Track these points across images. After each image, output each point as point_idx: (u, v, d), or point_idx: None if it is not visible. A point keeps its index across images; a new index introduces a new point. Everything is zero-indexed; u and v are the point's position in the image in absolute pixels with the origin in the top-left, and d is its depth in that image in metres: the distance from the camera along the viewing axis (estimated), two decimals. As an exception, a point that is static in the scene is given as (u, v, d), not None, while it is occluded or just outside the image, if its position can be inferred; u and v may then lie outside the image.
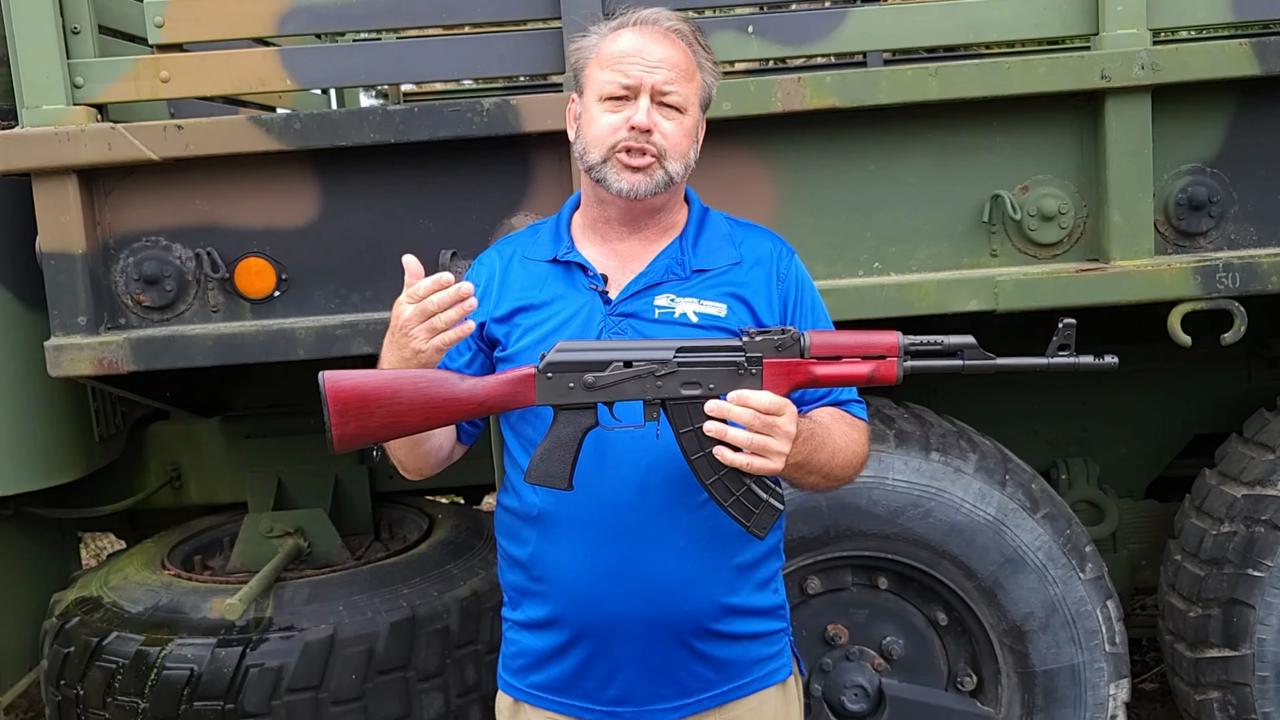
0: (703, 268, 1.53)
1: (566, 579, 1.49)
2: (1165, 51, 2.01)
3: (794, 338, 1.37)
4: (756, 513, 1.38)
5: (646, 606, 1.47)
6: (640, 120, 1.43)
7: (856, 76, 2.03)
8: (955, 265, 2.11)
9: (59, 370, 2.01)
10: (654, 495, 1.46)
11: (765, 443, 1.31)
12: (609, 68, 1.46)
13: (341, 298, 2.10)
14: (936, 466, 2.17)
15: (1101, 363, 1.38)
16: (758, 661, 1.55)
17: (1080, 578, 2.20)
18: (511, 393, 1.38)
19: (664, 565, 1.46)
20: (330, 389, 1.32)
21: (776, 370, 1.36)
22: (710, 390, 1.35)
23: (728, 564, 1.50)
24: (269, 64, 2.04)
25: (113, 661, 2.22)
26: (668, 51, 1.46)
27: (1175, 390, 2.72)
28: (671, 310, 1.49)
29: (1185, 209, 2.10)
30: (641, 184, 1.45)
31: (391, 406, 1.34)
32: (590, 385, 1.35)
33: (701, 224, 1.57)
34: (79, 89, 2.01)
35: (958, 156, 2.09)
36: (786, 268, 1.57)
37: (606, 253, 1.54)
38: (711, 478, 1.36)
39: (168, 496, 2.79)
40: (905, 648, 2.27)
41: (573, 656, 1.52)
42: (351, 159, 2.05)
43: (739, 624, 1.52)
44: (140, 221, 2.07)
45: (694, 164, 1.52)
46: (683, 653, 1.50)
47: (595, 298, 1.50)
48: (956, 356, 1.38)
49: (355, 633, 2.23)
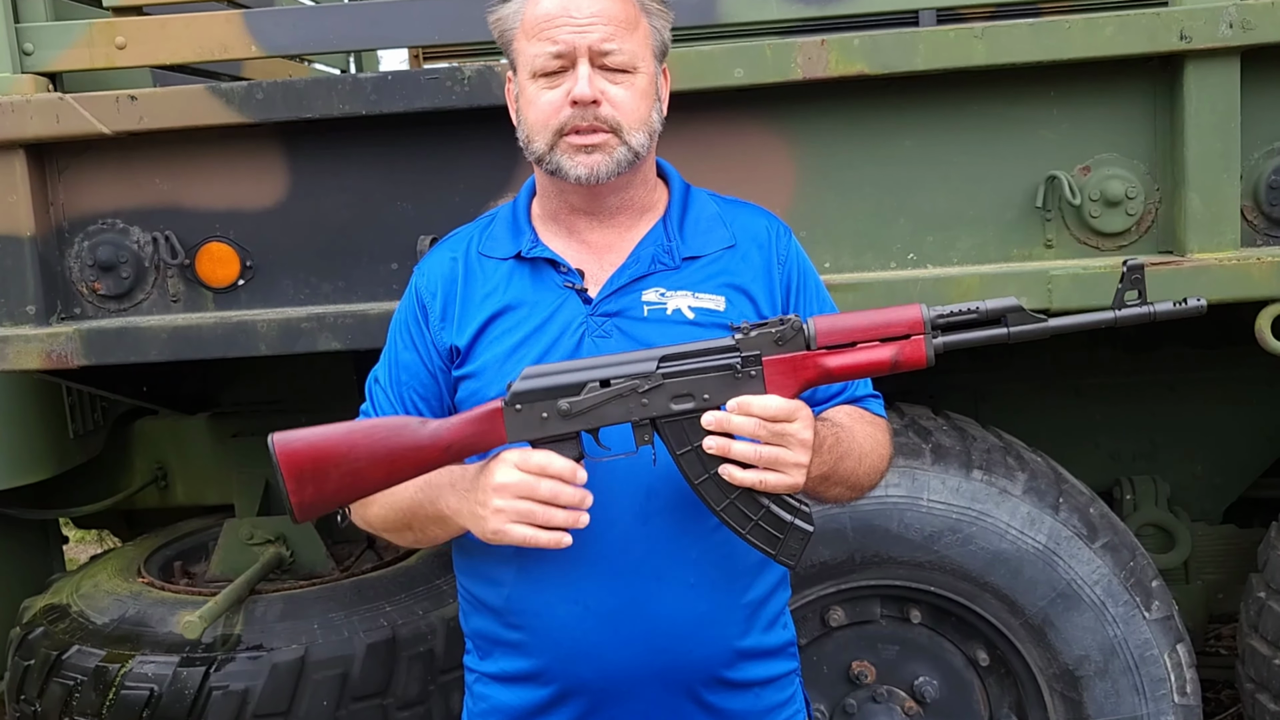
0: (694, 254, 1.34)
1: (554, 627, 1.29)
2: (1259, 7, 1.76)
3: (795, 327, 1.18)
4: (782, 539, 1.20)
5: (652, 656, 1.29)
6: (583, 92, 1.22)
7: (889, 39, 1.80)
8: (1003, 257, 1.90)
9: (5, 364, 1.88)
10: (655, 525, 1.28)
11: (778, 455, 1.14)
12: (535, 37, 1.25)
13: (312, 287, 1.93)
14: (979, 486, 1.97)
15: (1185, 307, 1.20)
16: (771, 710, 1.38)
17: (1145, 617, 1.98)
18: (478, 432, 1.20)
19: (671, 606, 1.29)
20: (281, 452, 1.18)
21: (780, 368, 1.18)
22: (706, 402, 1.17)
23: (740, 600, 1.34)
24: (232, 29, 1.87)
25: (71, 678, 2.09)
26: (599, 3, 1.24)
27: (1259, 402, 2.49)
28: (664, 306, 1.30)
29: (1279, 194, 1.86)
30: (602, 165, 1.25)
31: (348, 465, 1.18)
32: (566, 413, 1.17)
33: (685, 204, 1.36)
34: (28, 56, 1.87)
35: (1008, 132, 1.88)
36: (786, 249, 1.38)
37: (577, 245, 1.34)
38: (723, 503, 1.19)
39: (153, 496, 2.68)
40: (940, 690, 2.09)
41: (561, 717, 1.32)
42: (321, 134, 1.88)
43: (751, 669, 1.35)
44: (95, 203, 1.93)
45: (660, 128, 1.31)
46: (691, 707, 1.32)
47: (572, 297, 1.30)
48: (1000, 324, 1.19)
49: (328, 655, 2.08)
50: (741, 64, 1.78)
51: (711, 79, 1.79)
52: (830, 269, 1.89)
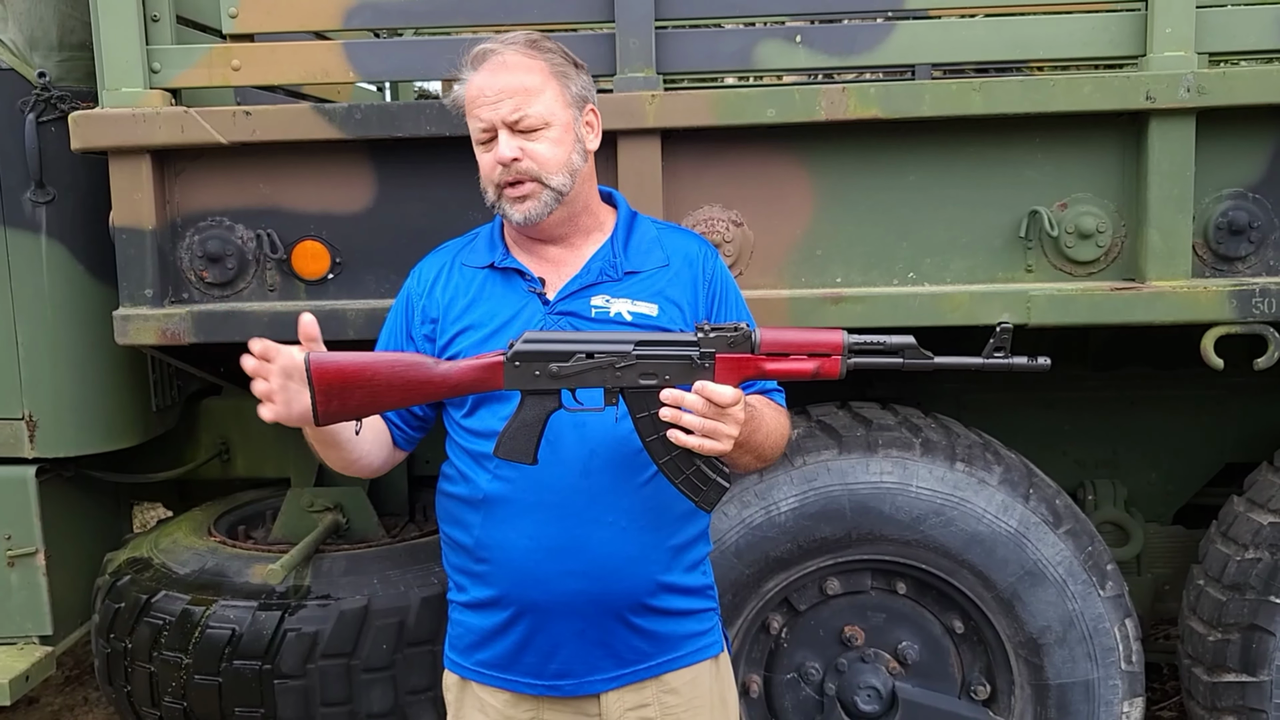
0: (634, 269, 1.63)
1: (511, 559, 1.58)
2: (1212, 75, 2.01)
3: (745, 335, 1.46)
4: (704, 489, 1.49)
5: (587, 583, 1.56)
6: (502, 154, 1.53)
7: (900, 88, 2.06)
8: (990, 279, 2.13)
9: (125, 339, 2.12)
10: (596, 478, 1.55)
11: (716, 427, 1.40)
12: (470, 115, 1.57)
13: (391, 283, 2.18)
14: (961, 476, 2.20)
15: (1034, 364, 1.44)
16: (690, 637, 1.65)
17: (1100, 594, 2.21)
18: (481, 378, 1.48)
19: (605, 544, 1.56)
20: (315, 370, 1.41)
21: (728, 365, 1.45)
22: (666, 381, 1.45)
23: (664, 544, 1.61)
24: (334, 56, 2.13)
25: (160, 618, 2.31)
26: (505, 80, 1.53)
27: (1210, 416, 2.70)
28: (607, 310, 1.59)
29: (1225, 233, 2.09)
30: (532, 209, 1.55)
31: (370, 387, 1.43)
32: (555, 375, 1.45)
33: (630, 228, 1.67)
34: (156, 74, 2.12)
35: (998, 171, 2.10)
36: (712, 268, 1.67)
37: (538, 260, 1.64)
38: (664, 458, 1.47)
39: (216, 469, 2.87)
40: (920, 653, 2.30)
41: (515, 633, 1.61)
42: (407, 150, 2.13)
43: (672, 600, 1.62)
44: (206, 202, 2.17)
45: (582, 163, 1.58)
46: (620, 627, 1.59)
47: (534, 299, 1.60)
48: (898, 355, 1.45)
49: (388, 605, 2.30)
50: (774, 105, 2.03)
51: (748, 117, 2.05)
52: (841, 283, 2.14)
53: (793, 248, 2.15)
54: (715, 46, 2.13)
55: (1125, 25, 2.07)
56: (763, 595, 2.27)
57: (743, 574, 2.22)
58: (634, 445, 1.56)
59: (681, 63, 2.11)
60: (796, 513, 2.20)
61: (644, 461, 1.57)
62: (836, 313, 2.09)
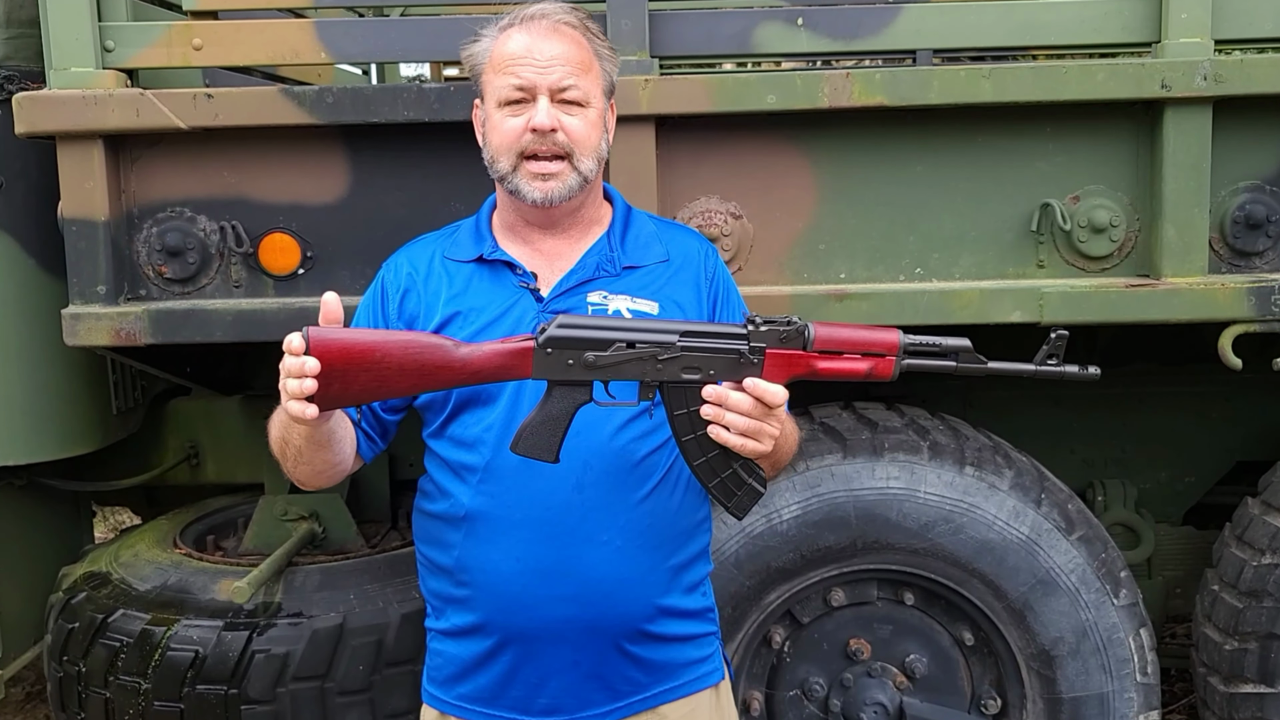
0: (633, 265, 1.52)
1: (495, 582, 1.45)
2: (1229, 62, 1.95)
3: (799, 330, 1.36)
4: (738, 494, 1.39)
5: (580, 608, 1.45)
6: (542, 121, 1.41)
7: (907, 75, 1.97)
8: (1000, 274, 2.06)
9: (75, 340, 1.98)
10: (590, 493, 1.44)
11: (760, 427, 1.32)
12: (502, 72, 1.44)
13: (366, 278, 2.01)
14: (970, 481, 2.11)
15: (1085, 373, 1.41)
16: (689, 664, 1.54)
17: (1114, 604, 2.14)
18: (506, 365, 1.33)
19: (599, 565, 1.44)
20: (315, 347, 1.22)
21: (778, 361, 1.35)
22: (710, 376, 1.34)
23: (663, 564, 1.50)
24: (304, 36, 2.00)
25: (117, 640, 2.18)
26: (559, 47, 1.43)
27: (1220, 414, 2.64)
28: (605, 307, 1.48)
29: (1242, 227, 2.03)
30: (555, 190, 1.44)
31: (377, 370, 1.26)
32: (590, 364, 1.33)
33: (627, 222, 1.57)
34: (109, 53, 1.98)
35: (1008, 162, 2.03)
36: (714, 267, 1.58)
37: (531, 252, 1.52)
38: (700, 459, 1.37)
39: (184, 474, 2.75)
40: (929, 666, 2.22)
41: (500, 663, 1.48)
42: (383, 137, 2.01)
43: (671, 626, 1.51)
44: (165, 191, 2.04)
45: (606, 155, 1.51)
46: (615, 656, 1.48)
47: (526, 295, 1.48)
48: (952, 358, 1.39)
49: (365, 623, 2.19)
50: (774, 91, 1.94)
51: (747, 103, 1.95)
52: (845, 279, 2.05)
53: (794, 242, 2.06)
54: (713, 29, 2.04)
55: (1139, 10, 2.00)
56: (764, 608, 2.18)
57: (743, 585, 2.13)
58: (633, 456, 1.45)
59: (677, 46, 2.01)
60: (799, 520, 2.10)
61: (643, 474, 1.46)
62: (840, 310, 2.01)
